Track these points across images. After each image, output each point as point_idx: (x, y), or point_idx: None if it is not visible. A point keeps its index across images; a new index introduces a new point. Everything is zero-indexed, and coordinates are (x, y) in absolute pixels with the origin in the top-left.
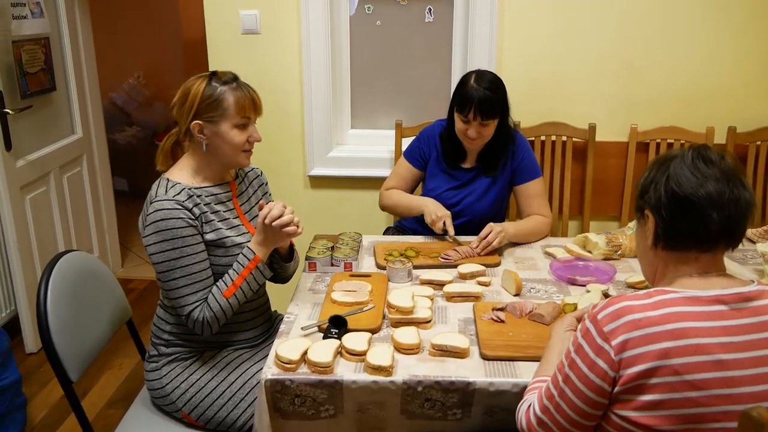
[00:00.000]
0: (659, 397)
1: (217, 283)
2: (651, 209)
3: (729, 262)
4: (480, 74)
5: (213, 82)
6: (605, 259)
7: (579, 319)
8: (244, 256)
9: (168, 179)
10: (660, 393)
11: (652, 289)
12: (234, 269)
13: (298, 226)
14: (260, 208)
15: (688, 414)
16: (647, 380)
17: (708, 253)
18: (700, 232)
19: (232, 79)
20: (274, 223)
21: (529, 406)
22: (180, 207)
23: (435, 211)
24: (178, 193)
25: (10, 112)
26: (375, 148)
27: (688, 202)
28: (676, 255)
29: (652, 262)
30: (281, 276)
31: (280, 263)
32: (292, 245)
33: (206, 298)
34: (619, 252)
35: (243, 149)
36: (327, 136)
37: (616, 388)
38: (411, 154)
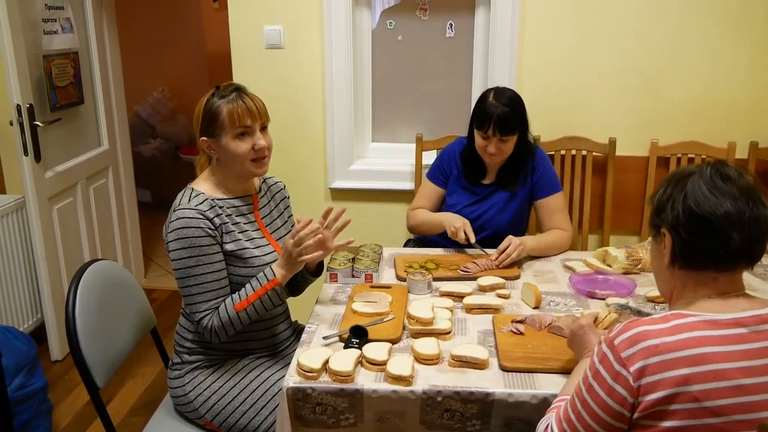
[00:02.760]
0: (680, 423)
1: (233, 295)
2: (668, 228)
3: (750, 278)
4: (499, 91)
5: (213, 97)
6: (625, 273)
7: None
8: (265, 275)
9: (192, 189)
10: (680, 419)
11: (668, 313)
12: (252, 285)
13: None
14: (293, 236)
15: None
16: (667, 407)
17: (727, 273)
18: (719, 252)
19: (231, 92)
20: (295, 251)
21: (547, 426)
22: (201, 216)
23: (453, 222)
24: (201, 203)
25: (40, 124)
26: (396, 162)
27: (707, 222)
28: (694, 275)
29: (669, 281)
30: (303, 284)
31: (306, 276)
32: (321, 262)
33: (218, 307)
34: (639, 266)
35: (250, 158)
36: (348, 149)
37: (636, 414)
38: (433, 174)
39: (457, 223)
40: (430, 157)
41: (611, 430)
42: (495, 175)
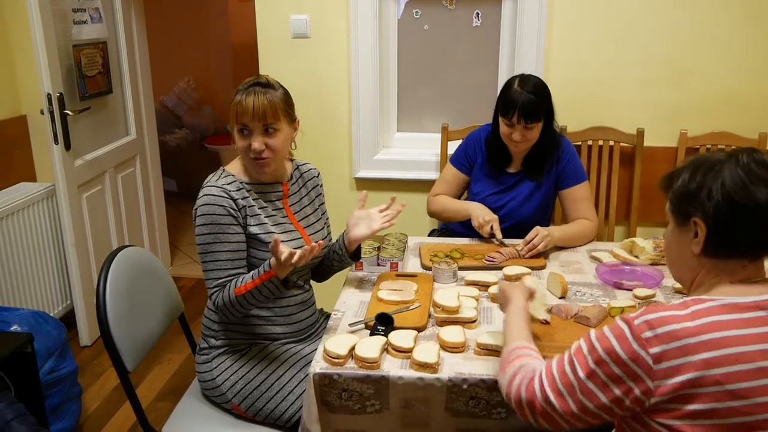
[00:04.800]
0: (703, 407)
1: (240, 277)
2: (703, 217)
3: None
4: (524, 78)
5: (240, 87)
6: (652, 264)
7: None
8: (263, 267)
9: (224, 169)
10: (704, 403)
11: (687, 299)
12: (257, 271)
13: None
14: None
15: (733, 423)
16: (691, 390)
17: (757, 261)
18: (757, 241)
19: (248, 86)
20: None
21: (533, 380)
22: (225, 195)
23: (482, 215)
24: (229, 183)
25: (70, 113)
26: (421, 151)
27: (747, 211)
28: (722, 263)
29: (694, 269)
30: (331, 271)
31: (345, 258)
32: (359, 247)
33: (227, 284)
34: (665, 257)
35: (249, 156)
36: (373, 139)
37: (654, 399)
38: (457, 160)
39: (486, 217)
40: (455, 147)
41: (619, 405)
42: (520, 164)
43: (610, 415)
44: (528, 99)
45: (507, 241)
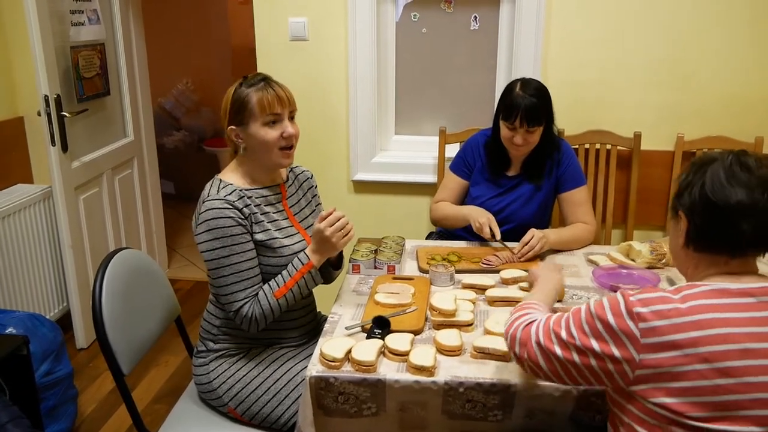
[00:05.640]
0: (691, 384)
1: (269, 283)
2: (684, 211)
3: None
4: (525, 82)
5: (242, 86)
6: (649, 268)
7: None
8: (299, 260)
9: (221, 180)
10: (692, 380)
11: (682, 285)
12: (288, 271)
13: (348, 234)
14: (320, 219)
15: (719, 401)
16: (678, 367)
17: (738, 258)
18: (729, 240)
19: (259, 80)
20: (328, 231)
21: (532, 323)
22: (230, 206)
23: (477, 218)
24: (230, 194)
25: (67, 115)
26: (419, 154)
27: (719, 210)
28: (706, 257)
29: (684, 260)
30: (328, 277)
31: (329, 269)
32: (341, 253)
33: (256, 294)
34: (663, 261)
35: (278, 146)
36: (371, 142)
37: (638, 371)
38: (457, 166)
39: (482, 218)
40: (453, 150)
41: (596, 376)
42: (519, 168)
43: (595, 379)
44: (530, 103)
45: (507, 243)
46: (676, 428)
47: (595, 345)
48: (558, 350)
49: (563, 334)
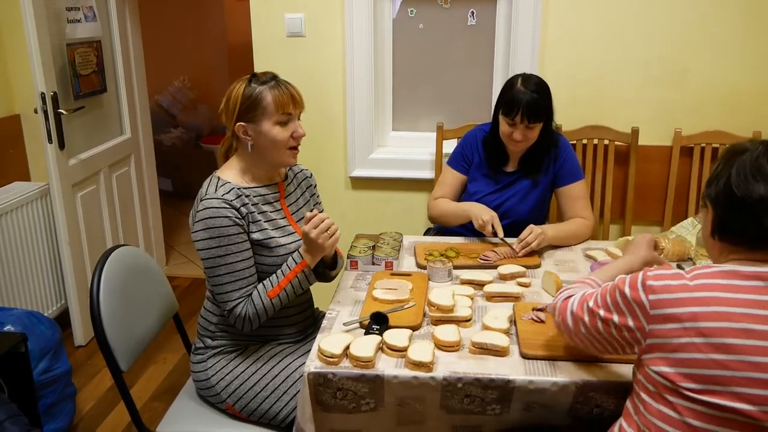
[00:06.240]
0: (688, 355)
1: (263, 282)
2: (710, 202)
3: None
4: (526, 77)
5: (252, 83)
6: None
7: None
8: (293, 260)
9: (219, 178)
10: (688, 352)
11: (696, 266)
12: (281, 271)
13: (333, 235)
14: (306, 221)
15: (711, 375)
16: (678, 339)
17: (759, 251)
18: (751, 233)
19: (270, 78)
20: (313, 233)
21: (572, 296)
22: (228, 206)
23: (481, 215)
24: (227, 192)
25: (64, 112)
26: (416, 150)
27: (741, 203)
28: (729, 247)
29: (712, 248)
30: (322, 277)
31: (324, 269)
32: (336, 254)
33: (250, 294)
34: (662, 256)
35: (288, 146)
36: (369, 138)
37: (649, 340)
38: (455, 161)
39: (485, 216)
40: (450, 146)
41: (616, 330)
42: (517, 163)
43: (619, 346)
44: (532, 99)
45: (508, 239)
46: (672, 396)
47: (615, 317)
48: (587, 318)
49: (591, 303)
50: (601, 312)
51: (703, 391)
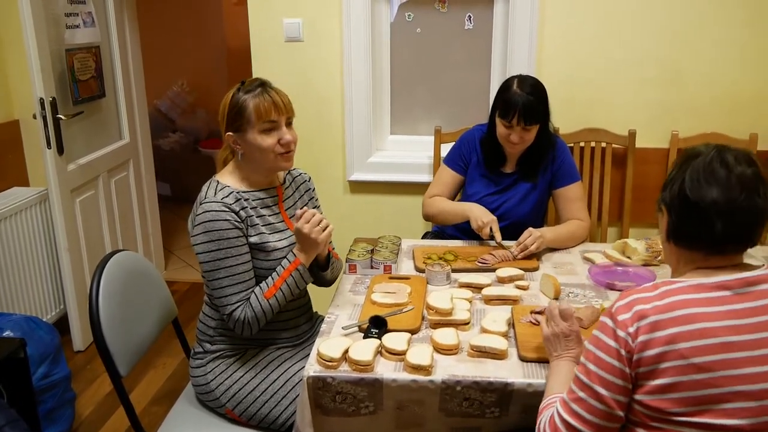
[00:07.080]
0: (669, 380)
1: (260, 285)
2: (665, 206)
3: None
4: (522, 79)
5: (239, 92)
6: (645, 265)
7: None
8: (287, 259)
9: (218, 181)
10: (669, 377)
11: (659, 281)
12: (276, 272)
13: (326, 228)
14: (297, 218)
15: (698, 396)
16: (657, 365)
17: (716, 255)
18: (704, 237)
19: (256, 86)
20: (305, 228)
21: (552, 415)
22: (227, 209)
23: (480, 217)
24: (227, 196)
25: (62, 117)
26: (414, 154)
27: (694, 207)
28: (686, 252)
29: (669, 255)
30: (321, 281)
31: (318, 271)
32: (329, 255)
33: (248, 298)
34: (659, 258)
35: (277, 152)
36: (367, 142)
37: (634, 371)
38: (452, 160)
39: (485, 218)
40: (448, 150)
41: (619, 391)
42: (515, 165)
43: (620, 394)
44: (528, 101)
45: (505, 243)
46: (658, 423)
47: (613, 380)
48: (587, 417)
49: (581, 393)
50: (586, 381)
51: (691, 413)
